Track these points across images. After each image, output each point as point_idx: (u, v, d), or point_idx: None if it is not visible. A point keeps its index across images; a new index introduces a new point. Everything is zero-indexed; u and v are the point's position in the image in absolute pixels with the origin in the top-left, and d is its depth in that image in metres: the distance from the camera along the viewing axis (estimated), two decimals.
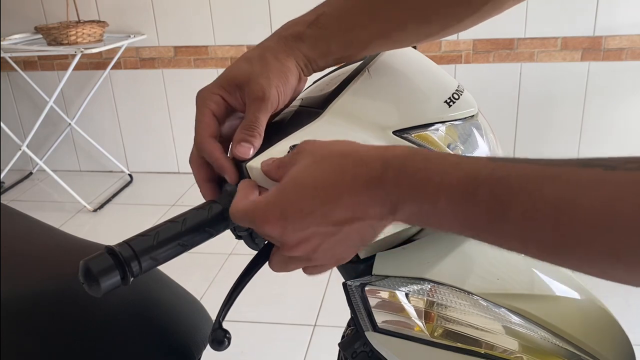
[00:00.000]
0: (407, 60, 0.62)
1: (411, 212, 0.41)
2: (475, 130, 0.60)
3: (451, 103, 0.58)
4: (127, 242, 0.47)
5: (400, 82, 0.60)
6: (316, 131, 0.55)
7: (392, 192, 0.41)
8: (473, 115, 0.60)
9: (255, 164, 0.52)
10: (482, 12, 0.59)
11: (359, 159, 0.43)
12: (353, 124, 0.55)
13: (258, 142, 0.53)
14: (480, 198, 0.37)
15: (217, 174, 0.56)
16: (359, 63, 0.61)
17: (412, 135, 0.56)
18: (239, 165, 0.54)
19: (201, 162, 0.56)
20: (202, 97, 0.56)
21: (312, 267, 0.50)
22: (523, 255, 0.38)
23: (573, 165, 0.35)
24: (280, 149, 0.53)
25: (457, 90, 0.59)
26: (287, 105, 0.58)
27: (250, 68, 0.55)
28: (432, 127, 0.57)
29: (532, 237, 0.36)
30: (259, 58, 0.56)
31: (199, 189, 0.58)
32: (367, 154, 0.43)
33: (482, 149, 0.60)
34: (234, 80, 0.56)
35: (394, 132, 0.55)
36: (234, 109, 0.57)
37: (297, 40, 0.56)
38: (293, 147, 0.51)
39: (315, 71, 0.58)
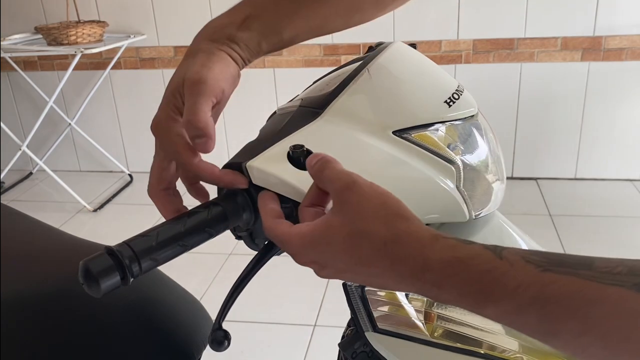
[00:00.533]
0: (407, 60, 0.62)
1: (449, 301, 0.41)
2: (475, 130, 0.60)
3: (451, 103, 0.58)
4: (127, 243, 0.47)
5: (400, 82, 0.60)
6: (316, 131, 0.55)
7: (432, 291, 0.41)
8: (473, 115, 0.60)
9: (255, 164, 0.52)
10: None
11: (400, 251, 0.42)
12: (353, 124, 0.55)
13: (210, 132, 0.50)
14: (530, 316, 0.37)
15: (180, 204, 0.54)
16: (359, 63, 0.61)
17: (412, 135, 0.56)
18: (234, 167, 0.54)
19: (164, 193, 0.54)
20: (155, 124, 0.53)
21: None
22: None
23: (628, 285, 0.34)
24: (280, 149, 0.53)
25: (457, 90, 0.59)
26: (227, 97, 0.55)
27: (185, 69, 0.53)
28: (432, 127, 0.57)
29: (583, 356, 0.36)
30: (192, 58, 0.53)
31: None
32: (409, 247, 0.42)
33: (482, 148, 0.60)
34: (177, 89, 0.52)
35: (394, 132, 0.55)
36: None
37: (231, 42, 0.55)
38: (295, 146, 0.51)
39: (247, 65, 0.57)
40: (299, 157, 0.51)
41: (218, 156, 0.55)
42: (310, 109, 0.58)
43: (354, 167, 0.48)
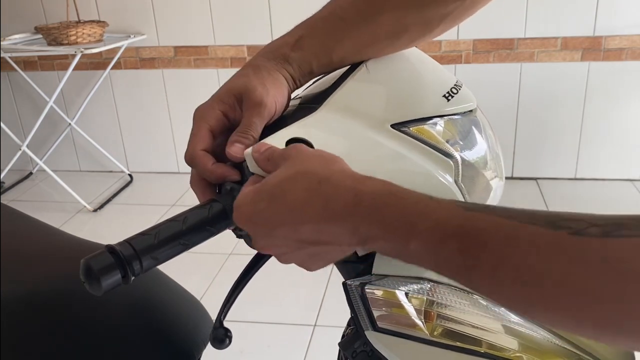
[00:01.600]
0: (405, 55, 0.62)
1: (382, 247, 0.43)
2: (473, 126, 0.60)
3: (450, 97, 0.58)
4: (127, 241, 0.47)
5: (398, 77, 0.60)
6: (313, 124, 0.55)
7: (362, 226, 0.42)
8: (472, 110, 0.60)
9: (250, 151, 0.52)
10: (453, 18, 0.60)
11: (333, 188, 0.44)
12: (351, 117, 0.55)
13: (251, 144, 0.54)
14: (450, 248, 0.38)
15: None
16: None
17: (411, 128, 0.56)
18: (239, 166, 0.54)
19: (204, 183, 0.56)
20: (201, 113, 0.57)
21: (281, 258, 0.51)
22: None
23: (542, 224, 0.36)
24: (276, 140, 0.53)
25: (455, 84, 0.59)
26: (276, 117, 0.59)
27: (247, 80, 0.57)
28: (431, 121, 0.57)
29: (500, 292, 0.38)
30: (254, 72, 0.58)
31: None
32: (342, 183, 0.44)
33: (481, 145, 0.60)
34: (233, 92, 0.57)
35: (392, 126, 0.55)
36: (232, 122, 0.58)
37: (285, 62, 0.59)
38: (290, 140, 0.51)
39: (298, 88, 0.61)
40: None
41: None
42: (308, 105, 0.58)
43: (352, 160, 0.49)
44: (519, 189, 2.82)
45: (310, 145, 0.52)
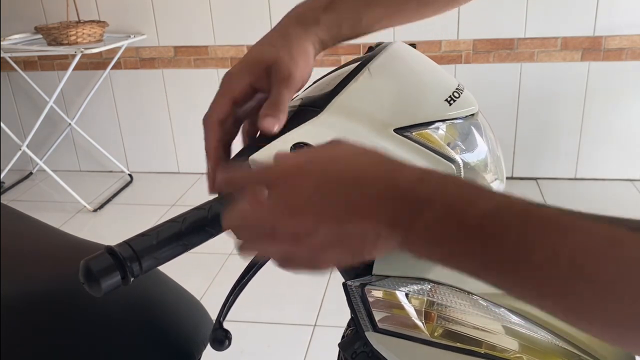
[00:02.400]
0: (407, 59, 0.62)
1: (429, 223, 0.38)
2: (475, 129, 0.60)
3: (451, 101, 0.58)
4: (127, 242, 0.47)
5: (400, 81, 0.60)
6: (316, 128, 0.55)
7: (419, 202, 0.39)
8: (473, 114, 0.60)
9: (258, 157, 0.52)
10: None
11: (399, 164, 0.42)
12: (354, 122, 0.55)
13: (283, 118, 0.55)
14: (511, 225, 0.36)
15: (228, 139, 0.59)
16: (358, 63, 0.61)
17: (413, 133, 0.56)
18: (241, 157, 0.54)
19: (217, 124, 0.57)
20: (229, 79, 0.58)
21: (282, 256, 0.45)
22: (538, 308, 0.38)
23: (604, 220, 0.35)
24: (281, 144, 0.53)
25: (457, 88, 0.59)
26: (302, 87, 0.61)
27: (275, 51, 0.58)
28: (433, 126, 0.57)
29: (550, 285, 0.35)
30: (282, 42, 0.58)
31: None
32: (405, 163, 0.42)
33: (482, 148, 0.60)
34: (261, 63, 0.57)
35: (395, 130, 0.55)
36: (257, 90, 0.59)
37: (314, 24, 0.59)
38: (296, 145, 0.51)
39: (323, 50, 0.62)
40: None
41: None
42: (309, 107, 0.58)
43: None
44: (519, 189, 2.82)
45: None
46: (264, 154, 0.53)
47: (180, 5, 2.88)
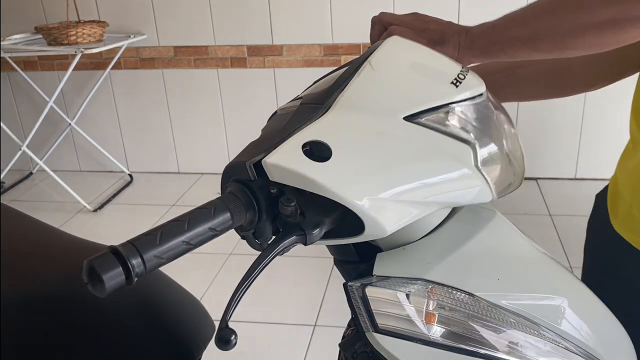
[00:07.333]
0: (406, 50, 0.62)
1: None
2: (485, 109, 0.60)
3: (457, 84, 0.58)
4: (131, 242, 0.46)
5: (403, 70, 0.60)
6: (328, 125, 0.55)
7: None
8: (482, 94, 0.60)
9: (271, 161, 0.51)
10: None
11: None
12: (363, 115, 0.55)
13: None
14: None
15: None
16: (357, 59, 0.61)
17: (424, 119, 0.56)
18: (238, 166, 0.54)
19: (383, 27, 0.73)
20: (395, 27, 0.70)
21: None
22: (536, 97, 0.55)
23: None
24: (293, 144, 0.52)
25: (461, 71, 0.59)
26: None
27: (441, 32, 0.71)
28: (442, 109, 0.57)
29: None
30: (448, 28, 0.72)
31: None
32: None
33: (494, 127, 0.60)
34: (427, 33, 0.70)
35: (405, 118, 0.55)
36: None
37: (468, 48, 0.71)
38: (307, 144, 0.51)
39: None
40: (320, 154, 0.51)
41: (218, 155, 0.56)
42: (311, 105, 0.58)
43: (371, 157, 0.48)
44: (519, 188, 2.81)
45: (327, 147, 0.52)
46: (276, 157, 0.52)
47: (180, 5, 2.88)
